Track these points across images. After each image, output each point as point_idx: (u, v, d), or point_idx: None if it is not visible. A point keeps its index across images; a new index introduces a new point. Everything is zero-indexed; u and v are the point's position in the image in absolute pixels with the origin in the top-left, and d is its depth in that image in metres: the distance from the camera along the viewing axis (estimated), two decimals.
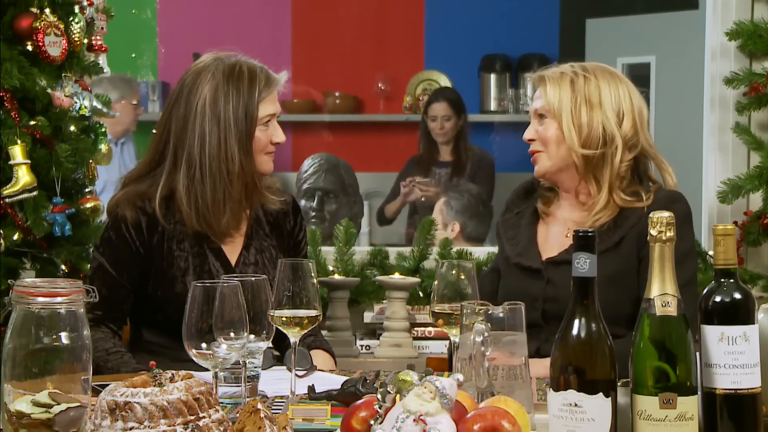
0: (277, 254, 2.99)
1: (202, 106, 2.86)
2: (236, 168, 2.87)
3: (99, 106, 3.48)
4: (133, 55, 6.84)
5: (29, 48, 3.22)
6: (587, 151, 2.85)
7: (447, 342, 3.19)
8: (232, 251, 2.95)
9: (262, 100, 2.89)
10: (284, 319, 2.31)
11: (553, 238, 2.95)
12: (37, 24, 3.21)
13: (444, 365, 3.03)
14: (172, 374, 1.82)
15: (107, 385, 1.81)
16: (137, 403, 1.73)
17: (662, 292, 1.86)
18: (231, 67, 2.89)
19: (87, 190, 3.41)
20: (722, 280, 1.92)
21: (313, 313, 2.33)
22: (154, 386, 1.77)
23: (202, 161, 2.86)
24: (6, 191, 3.13)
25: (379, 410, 1.78)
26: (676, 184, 2.95)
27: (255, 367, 2.34)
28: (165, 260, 2.89)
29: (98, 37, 3.54)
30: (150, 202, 2.90)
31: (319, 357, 2.89)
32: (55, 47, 3.24)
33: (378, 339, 3.88)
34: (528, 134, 2.93)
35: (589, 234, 1.88)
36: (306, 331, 2.36)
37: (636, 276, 2.81)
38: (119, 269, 2.89)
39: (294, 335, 2.34)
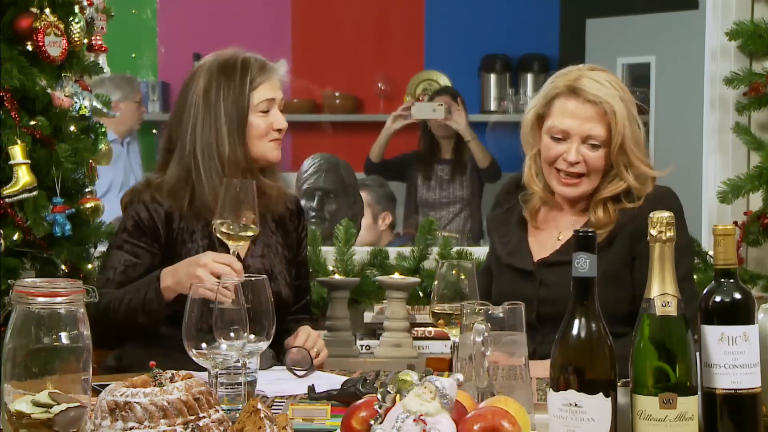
0: (282, 250, 3.07)
1: (196, 98, 2.96)
2: (226, 154, 2.92)
3: (99, 106, 3.47)
4: (133, 55, 6.84)
5: (29, 48, 3.21)
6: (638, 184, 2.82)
7: (446, 343, 3.19)
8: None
9: (257, 86, 2.96)
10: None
11: (544, 238, 2.92)
12: (37, 24, 3.20)
13: (445, 365, 3.02)
14: (172, 374, 1.82)
15: (107, 385, 1.81)
16: (137, 403, 1.73)
17: (662, 292, 1.86)
18: (225, 60, 2.98)
19: (87, 190, 3.41)
20: (722, 280, 1.92)
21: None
22: (154, 386, 1.77)
23: (195, 151, 2.94)
24: (6, 191, 3.13)
25: (379, 410, 1.78)
26: (652, 168, 2.89)
27: (251, 372, 2.34)
28: (178, 253, 2.94)
29: (98, 37, 3.54)
30: (162, 197, 2.98)
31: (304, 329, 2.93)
32: (55, 47, 3.23)
33: (378, 339, 3.87)
34: (574, 157, 2.81)
35: (589, 234, 1.87)
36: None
37: (630, 273, 2.79)
38: (143, 239, 2.96)
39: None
